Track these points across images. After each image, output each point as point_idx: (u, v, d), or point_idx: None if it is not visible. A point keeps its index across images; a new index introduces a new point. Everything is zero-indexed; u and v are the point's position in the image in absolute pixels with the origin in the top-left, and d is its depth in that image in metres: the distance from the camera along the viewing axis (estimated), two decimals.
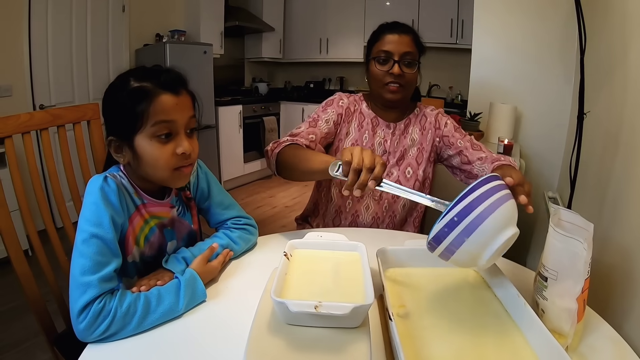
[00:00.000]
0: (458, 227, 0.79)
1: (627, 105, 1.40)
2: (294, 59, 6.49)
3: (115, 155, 1.03)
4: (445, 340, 0.82)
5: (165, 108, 0.97)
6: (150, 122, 0.96)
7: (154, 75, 1.00)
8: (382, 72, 1.53)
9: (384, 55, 1.52)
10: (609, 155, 1.52)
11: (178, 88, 1.01)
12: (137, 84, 0.97)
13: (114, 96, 1.00)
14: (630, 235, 1.18)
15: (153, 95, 0.96)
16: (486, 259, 0.82)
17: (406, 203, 1.63)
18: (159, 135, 0.98)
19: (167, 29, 4.69)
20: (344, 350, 0.72)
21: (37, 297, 1.25)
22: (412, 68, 1.54)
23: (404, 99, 1.61)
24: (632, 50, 1.40)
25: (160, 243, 1.13)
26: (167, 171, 1.01)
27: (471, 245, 0.80)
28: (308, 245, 1.04)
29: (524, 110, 2.95)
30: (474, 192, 0.82)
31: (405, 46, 1.51)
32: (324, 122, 1.60)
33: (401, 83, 1.53)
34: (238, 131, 5.21)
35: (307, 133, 1.53)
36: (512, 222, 0.84)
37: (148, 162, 1.00)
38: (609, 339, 0.93)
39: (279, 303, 0.74)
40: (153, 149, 0.98)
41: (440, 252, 0.85)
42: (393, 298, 0.95)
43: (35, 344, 2.13)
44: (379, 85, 1.56)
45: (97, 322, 0.82)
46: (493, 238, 0.80)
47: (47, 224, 1.33)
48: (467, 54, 3.22)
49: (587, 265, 0.84)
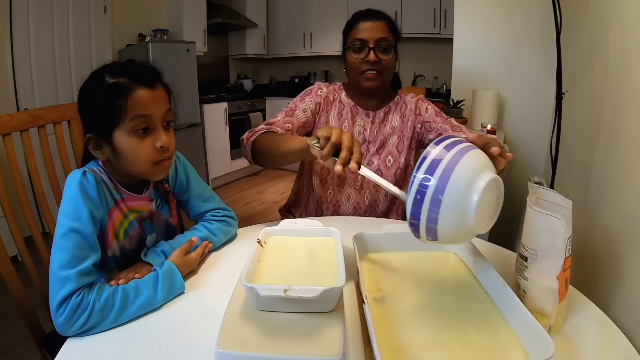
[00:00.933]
0: (429, 188, 0.72)
1: (608, 87, 1.39)
2: (279, 54, 6.47)
3: (94, 152, 1.03)
4: (422, 324, 0.81)
5: (142, 102, 0.97)
6: (128, 117, 0.96)
7: (129, 70, 0.99)
8: (359, 61, 1.52)
9: (359, 43, 1.51)
10: (592, 137, 1.51)
11: (153, 82, 1.01)
12: (113, 80, 0.97)
13: (90, 93, 0.99)
14: (615, 216, 1.17)
15: (129, 90, 0.96)
16: (474, 216, 0.72)
17: (388, 192, 1.60)
18: (137, 130, 0.98)
19: (150, 29, 4.65)
20: (316, 334, 0.71)
21: (25, 302, 1.24)
22: (388, 54, 1.52)
23: (383, 86, 1.60)
24: (613, 32, 1.39)
25: (140, 236, 1.13)
26: (147, 165, 1.02)
27: (450, 202, 0.72)
28: (282, 232, 1.04)
29: (507, 96, 2.98)
30: (434, 150, 0.77)
31: (379, 32, 1.50)
32: (301, 111, 1.59)
33: (378, 70, 1.51)
34: (224, 128, 5.19)
35: (283, 122, 1.53)
36: (488, 168, 0.77)
37: (128, 157, 1.00)
38: (594, 319, 0.92)
39: (250, 288, 0.73)
40: (132, 144, 0.99)
41: (425, 229, 0.76)
42: (369, 282, 0.94)
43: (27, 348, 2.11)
44: (356, 74, 1.55)
45: (75, 315, 0.83)
46: (470, 186, 0.72)
47: (32, 229, 1.32)
48: (451, 43, 3.22)
49: (566, 242, 0.82)
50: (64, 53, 3.77)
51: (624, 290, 1.01)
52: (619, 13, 1.33)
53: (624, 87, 1.22)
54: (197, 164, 4.80)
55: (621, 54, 1.28)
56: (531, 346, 0.71)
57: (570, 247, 0.86)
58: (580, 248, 1.34)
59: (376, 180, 0.98)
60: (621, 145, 1.19)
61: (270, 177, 5.73)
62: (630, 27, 1.21)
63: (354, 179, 1.59)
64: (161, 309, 0.93)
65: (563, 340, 0.84)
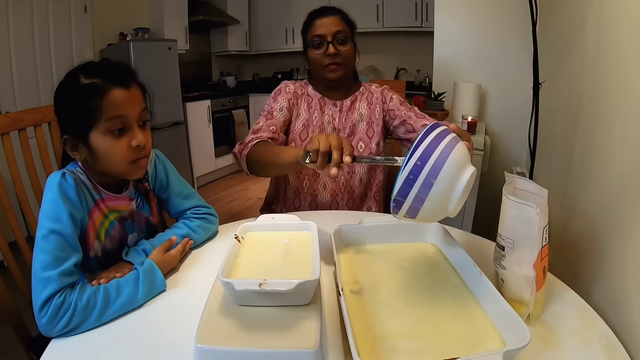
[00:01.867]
0: (424, 170, 0.75)
1: (585, 78, 1.41)
2: (261, 50, 6.42)
3: (72, 153, 1.03)
4: (399, 315, 0.81)
5: (117, 103, 0.97)
6: (104, 118, 0.96)
7: (103, 70, 0.99)
8: (320, 55, 1.58)
9: (317, 39, 1.57)
10: (571, 126, 1.53)
11: (128, 81, 1.01)
12: (87, 81, 0.96)
13: (65, 94, 0.99)
14: (594, 204, 1.19)
15: (104, 91, 0.96)
16: (456, 200, 0.78)
17: (362, 177, 1.68)
18: (113, 130, 0.98)
19: (131, 27, 4.59)
20: (293, 327, 0.72)
21: (11, 308, 1.23)
22: (346, 45, 1.59)
23: (346, 77, 1.66)
24: (589, 22, 1.40)
25: (121, 236, 1.13)
26: (124, 164, 1.02)
27: (440, 186, 0.76)
28: (260, 227, 1.04)
29: (488, 87, 3.00)
30: (429, 136, 0.79)
31: (335, 26, 1.56)
32: (278, 111, 1.63)
33: (339, 62, 1.57)
34: (208, 126, 5.14)
35: (267, 126, 1.56)
36: (469, 160, 0.81)
37: (104, 157, 1.00)
38: (574, 306, 0.93)
39: (226, 283, 0.74)
40: (108, 144, 0.99)
41: (408, 207, 0.79)
42: (347, 275, 0.95)
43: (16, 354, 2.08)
44: (319, 69, 1.61)
45: (58, 316, 0.83)
46: (459, 174, 0.77)
47: (16, 234, 1.31)
48: (433, 36, 3.23)
49: (542, 231, 0.83)
50: (44, 54, 3.70)
51: (604, 277, 1.02)
52: (596, 3, 1.34)
53: (601, 77, 1.23)
54: (181, 163, 4.76)
55: (598, 44, 1.30)
56: (508, 334, 0.72)
57: (547, 236, 0.87)
58: (561, 236, 1.35)
59: (372, 160, 1.02)
60: (599, 133, 1.20)
61: None
62: (607, 17, 1.22)
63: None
64: (143, 307, 0.94)
65: (542, 328, 0.85)
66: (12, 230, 1.31)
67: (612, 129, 1.10)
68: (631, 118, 0.97)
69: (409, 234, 1.09)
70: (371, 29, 5.09)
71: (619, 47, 1.11)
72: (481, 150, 2.44)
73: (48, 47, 3.74)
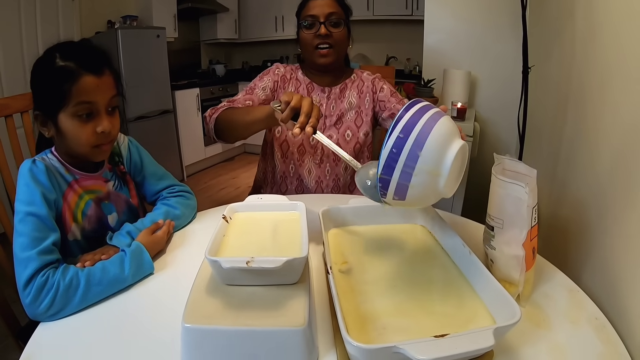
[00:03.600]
0: (407, 142, 0.71)
1: (575, 62, 1.41)
2: (250, 38, 6.40)
3: (41, 129, 1.07)
4: (389, 293, 0.81)
5: (87, 89, 1.00)
6: (73, 103, 1.00)
7: (78, 54, 1.03)
8: (311, 36, 1.58)
9: (310, 19, 1.57)
10: (561, 111, 1.53)
11: (101, 68, 1.04)
12: (62, 63, 0.99)
13: (40, 72, 1.04)
14: (584, 187, 1.19)
15: (76, 77, 0.99)
16: (446, 175, 0.73)
17: (348, 165, 1.64)
18: (81, 114, 1.02)
19: (119, 15, 4.54)
20: (282, 305, 0.72)
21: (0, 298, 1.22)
22: (339, 27, 1.58)
23: (337, 61, 1.65)
24: (580, 6, 1.40)
25: (99, 217, 1.15)
26: (87, 147, 1.05)
27: (427, 158, 0.71)
28: (248, 208, 1.04)
29: (478, 74, 3.01)
30: (411, 109, 0.76)
31: (328, 7, 1.56)
32: (260, 89, 1.64)
33: (330, 43, 1.57)
34: (197, 115, 5.11)
35: (244, 99, 1.59)
36: (458, 134, 0.77)
37: (70, 138, 1.04)
38: (564, 287, 0.94)
39: (213, 262, 0.73)
40: (74, 127, 1.02)
41: (396, 185, 0.74)
42: (336, 255, 0.95)
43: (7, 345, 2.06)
44: (310, 51, 1.60)
45: (41, 295, 0.84)
46: (447, 145, 0.73)
47: (4, 224, 1.32)
48: (423, 25, 3.23)
49: (531, 210, 0.84)
50: (31, 41, 3.65)
51: (593, 259, 1.03)
52: None
53: (591, 61, 1.24)
54: (170, 151, 4.75)
55: (588, 28, 1.30)
56: (498, 312, 0.72)
57: (537, 216, 0.87)
58: (551, 220, 1.36)
59: (330, 146, 1.02)
60: (588, 117, 1.21)
61: (244, 162, 5.70)
62: (597, 3, 1.22)
63: (312, 153, 1.65)
64: (129, 289, 0.94)
65: (532, 308, 0.86)
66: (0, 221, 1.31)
67: (601, 112, 1.10)
68: (620, 102, 0.98)
69: (398, 215, 1.09)
70: (362, 17, 5.06)
71: (608, 31, 1.11)
72: (471, 137, 2.44)
73: (35, 35, 3.69)
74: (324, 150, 1.64)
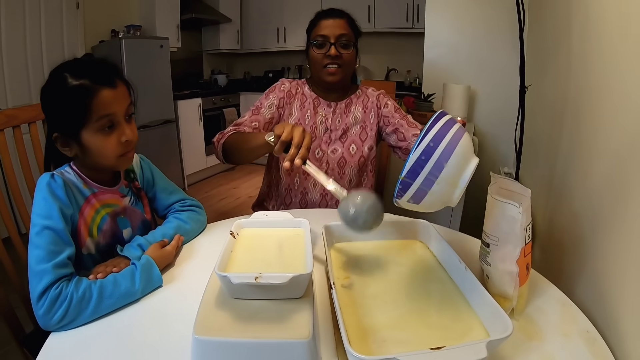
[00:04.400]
0: (436, 151, 0.76)
1: (571, 81, 1.44)
2: (252, 49, 6.43)
3: (62, 149, 1.07)
4: (388, 308, 0.84)
5: (105, 102, 1.02)
6: (94, 118, 1.01)
7: (90, 70, 1.03)
8: (321, 55, 1.61)
9: (320, 39, 1.60)
10: (556, 129, 1.56)
11: (114, 80, 1.05)
12: (76, 82, 1.00)
13: (53, 94, 1.04)
14: (577, 204, 1.22)
15: (93, 92, 1.00)
16: (463, 187, 0.79)
17: (353, 179, 1.72)
18: (103, 128, 1.03)
19: (122, 25, 4.58)
20: (288, 318, 0.74)
21: (5, 303, 1.23)
22: (349, 49, 1.62)
23: (344, 80, 1.68)
24: (575, 28, 1.44)
25: (114, 231, 1.16)
26: (113, 159, 1.08)
27: (451, 170, 0.77)
28: (254, 224, 1.07)
29: (477, 89, 3.04)
30: (441, 120, 0.81)
31: (340, 29, 1.60)
32: (266, 108, 1.67)
33: (339, 64, 1.61)
34: (198, 124, 5.14)
35: (250, 121, 1.61)
36: (473, 150, 0.83)
37: (95, 153, 1.05)
38: (557, 301, 0.97)
39: (223, 277, 0.76)
40: (99, 142, 1.04)
41: (415, 190, 0.79)
42: (337, 270, 0.98)
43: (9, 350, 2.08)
44: (318, 69, 1.64)
45: (54, 307, 0.85)
46: (468, 160, 0.79)
47: (10, 230, 1.32)
48: (423, 38, 3.27)
49: (525, 229, 0.87)
50: (36, 49, 3.68)
51: (586, 274, 1.05)
52: (582, 10, 1.37)
53: (585, 80, 1.27)
54: (172, 161, 4.77)
55: (583, 49, 1.33)
56: (491, 326, 0.75)
57: (530, 234, 0.90)
58: (545, 235, 1.39)
59: (317, 177, 1.07)
60: (583, 135, 1.24)
61: (244, 172, 5.71)
62: (592, 24, 1.25)
63: (318, 167, 1.64)
64: (139, 301, 0.96)
65: (525, 322, 0.89)
66: (5, 226, 1.31)
67: (595, 131, 1.13)
68: (614, 121, 1.00)
69: (397, 231, 1.12)
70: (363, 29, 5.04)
71: (603, 52, 1.14)
72: None
73: (39, 43, 3.72)
74: (329, 164, 1.67)
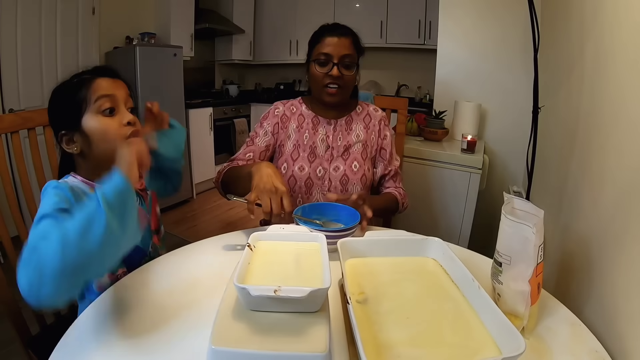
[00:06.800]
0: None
1: (582, 103, 1.45)
2: (264, 60, 6.47)
3: (68, 148, 1.09)
4: (402, 324, 0.84)
5: (103, 87, 1.08)
6: (93, 99, 1.06)
7: (92, 69, 1.12)
8: (322, 74, 1.60)
9: (323, 57, 1.59)
10: (567, 150, 1.57)
11: (112, 73, 1.13)
12: (77, 79, 1.09)
13: (57, 97, 1.10)
14: (587, 225, 1.22)
15: (91, 80, 1.07)
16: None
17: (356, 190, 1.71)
18: (104, 110, 1.07)
19: (137, 32, 4.62)
20: (304, 332, 0.75)
21: (11, 303, 1.25)
22: (351, 70, 1.61)
23: (343, 100, 1.68)
24: (588, 51, 1.45)
25: None
26: (118, 143, 1.03)
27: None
28: (271, 237, 1.07)
29: (488, 107, 3.05)
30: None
31: (344, 49, 1.58)
32: (261, 136, 1.70)
33: (340, 84, 1.60)
34: (209, 133, 5.17)
35: (244, 154, 1.65)
36: None
37: (99, 137, 1.07)
38: (566, 321, 0.97)
39: (241, 289, 0.76)
40: (101, 123, 1.07)
41: None
42: (352, 285, 0.98)
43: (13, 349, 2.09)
44: (318, 87, 1.64)
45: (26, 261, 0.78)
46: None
47: (19, 230, 1.34)
48: (435, 54, 3.30)
49: (537, 249, 0.88)
50: (50, 54, 3.73)
51: (595, 294, 1.06)
52: (595, 31, 1.39)
53: (597, 103, 1.28)
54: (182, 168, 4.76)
55: (595, 72, 1.34)
56: (504, 344, 0.75)
57: (542, 254, 0.91)
58: (555, 255, 1.39)
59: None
60: (594, 157, 1.24)
61: None
62: (605, 45, 1.27)
63: (320, 185, 1.68)
64: (152, 311, 0.95)
65: (535, 341, 0.90)
66: (15, 225, 1.33)
67: (606, 153, 1.14)
68: (624, 144, 1.01)
69: (411, 248, 1.13)
70: (374, 44, 5.12)
71: (615, 76, 1.15)
72: (480, 169, 2.49)
73: (54, 47, 3.77)
74: (332, 182, 1.67)
